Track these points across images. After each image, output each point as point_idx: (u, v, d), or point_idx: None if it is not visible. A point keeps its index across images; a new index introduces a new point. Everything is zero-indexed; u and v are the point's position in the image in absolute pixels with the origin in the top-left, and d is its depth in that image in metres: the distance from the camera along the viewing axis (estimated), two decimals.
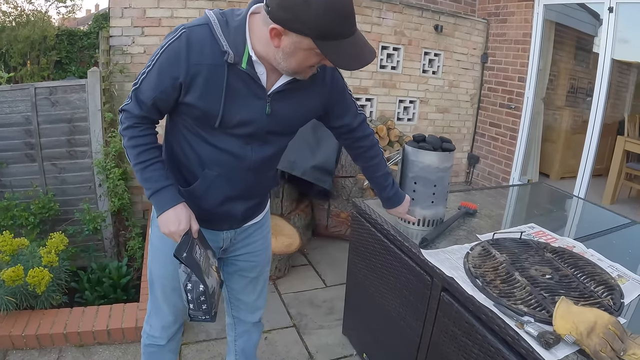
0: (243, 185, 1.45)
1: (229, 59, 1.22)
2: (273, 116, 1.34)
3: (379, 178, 1.69)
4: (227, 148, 1.37)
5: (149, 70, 1.28)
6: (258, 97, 1.30)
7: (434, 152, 1.72)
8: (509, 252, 1.66)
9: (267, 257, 1.77)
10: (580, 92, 6.24)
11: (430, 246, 1.68)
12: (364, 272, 2.10)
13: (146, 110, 1.33)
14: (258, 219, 1.64)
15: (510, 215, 2.16)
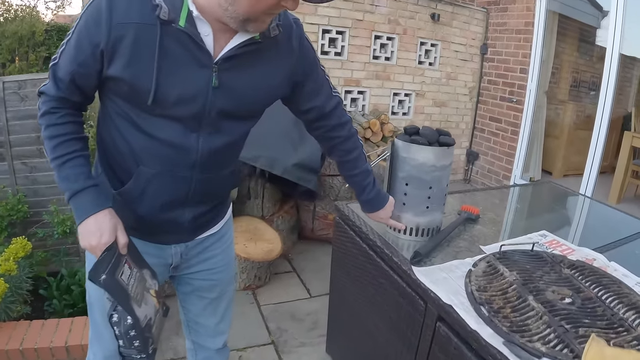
0: (188, 187, 1.17)
1: (161, 15, 0.96)
2: (223, 90, 1.06)
3: (358, 177, 1.41)
4: (166, 137, 1.09)
5: (67, 41, 1.06)
6: (202, 64, 1.03)
7: (429, 147, 1.43)
8: (520, 268, 1.37)
9: (230, 275, 1.50)
10: (583, 86, 6.04)
11: (424, 262, 1.39)
12: (348, 286, 1.81)
13: (64, 89, 1.08)
14: (215, 229, 1.36)
15: (518, 221, 1.87)
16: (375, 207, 1.45)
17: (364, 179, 1.41)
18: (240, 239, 2.93)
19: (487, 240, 1.60)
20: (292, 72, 1.18)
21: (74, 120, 1.13)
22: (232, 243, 1.50)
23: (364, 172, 1.40)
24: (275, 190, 3.22)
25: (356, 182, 1.42)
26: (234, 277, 1.55)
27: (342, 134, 1.35)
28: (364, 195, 1.42)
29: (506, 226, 1.78)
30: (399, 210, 1.51)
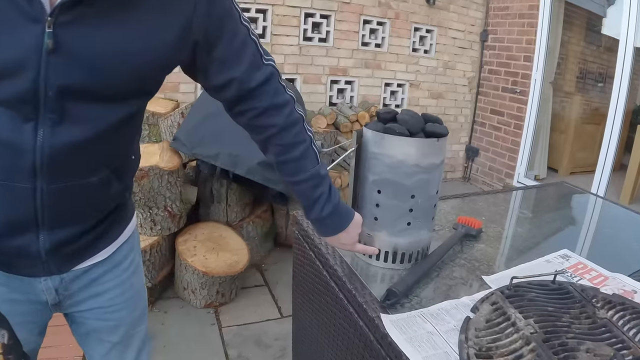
0: (33, 203, 0.81)
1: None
2: (63, 56, 0.71)
3: (303, 184, 0.98)
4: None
5: None
6: (31, 17, 0.69)
7: (411, 139, 1.01)
8: (539, 313, 0.95)
9: (136, 312, 1.13)
10: (589, 77, 5.66)
11: (401, 303, 0.96)
12: (309, 319, 1.39)
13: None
14: (102, 255, 1.00)
15: (531, 236, 1.45)
16: (332, 229, 1.03)
17: (314, 188, 0.98)
18: (200, 250, 2.51)
19: (491, 267, 1.18)
20: (187, 26, 0.81)
21: None
22: (138, 270, 1.14)
23: (313, 179, 0.97)
24: (244, 192, 2.80)
25: (302, 193, 1.00)
26: (144, 314, 1.19)
27: (277, 122, 0.93)
28: (315, 212, 1.00)
29: (515, 244, 1.36)
30: (369, 228, 1.09)
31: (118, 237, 1.03)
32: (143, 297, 1.20)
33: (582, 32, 5.39)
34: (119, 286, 1.07)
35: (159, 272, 2.56)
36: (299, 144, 0.95)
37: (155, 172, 2.32)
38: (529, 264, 1.24)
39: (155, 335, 2.36)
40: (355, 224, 1.04)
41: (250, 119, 0.93)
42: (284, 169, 0.97)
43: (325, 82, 4.12)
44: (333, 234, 1.03)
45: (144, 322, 1.21)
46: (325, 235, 1.05)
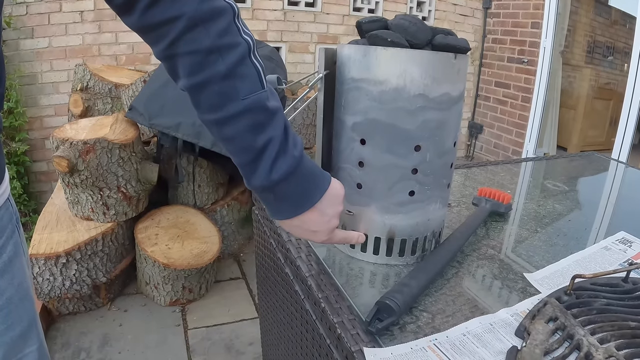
0: None
1: None
2: None
3: (235, 122, 0.56)
4: None
5: None
6: None
7: (414, 52, 0.62)
8: (618, 330, 0.58)
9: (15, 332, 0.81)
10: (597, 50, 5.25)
11: (400, 325, 0.59)
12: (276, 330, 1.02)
13: None
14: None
15: (572, 215, 1.07)
16: (292, 205, 0.61)
17: (255, 130, 0.56)
18: (162, 238, 2.13)
19: (532, 259, 0.80)
20: None
21: None
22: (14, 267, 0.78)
23: (251, 112, 0.55)
24: (216, 170, 2.41)
25: (235, 142, 0.57)
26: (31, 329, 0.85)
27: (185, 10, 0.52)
28: (259, 176, 0.58)
29: (558, 226, 0.98)
30: (349, 201, 0.71)
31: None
32: (26, 307, 0.84)
33: (591, 3, 5.00)
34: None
35: (116, 265, 2.18)
36: (225, 51, 0.54)
37: (103, 145, 1.93)
38: (583, 253, 0.86)
39: (111, 339, 2.00)
40: (332, 196, 0.63)
41: (143, 12, 0.53)
42: (201, 101, 0.56)
43: (314, 51, 3.72)
44: (294, 213, 0.61)
45: (34, 340, 0.85)
46: (281, 216, 0.63)
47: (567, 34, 4.65)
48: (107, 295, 2.20)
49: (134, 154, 2.06)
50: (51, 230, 2.09)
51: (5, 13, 2.86)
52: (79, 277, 2.01)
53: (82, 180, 1.96)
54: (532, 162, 1.53)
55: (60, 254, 1.95)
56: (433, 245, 0.76)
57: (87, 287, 2.04)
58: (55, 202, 2.36)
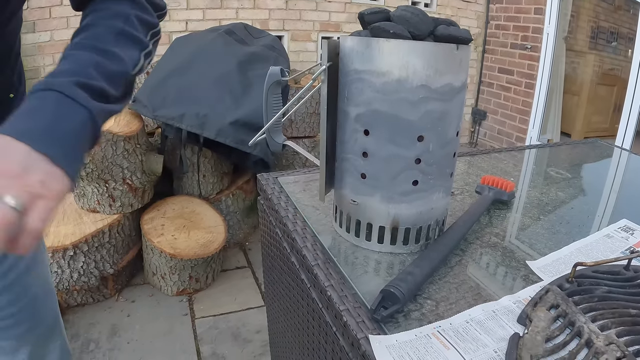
0: None
1: None
2: None
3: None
4: None
5: None
6: None
7: (416, 43, 0.63)
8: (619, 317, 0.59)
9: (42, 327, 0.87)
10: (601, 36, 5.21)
11: (405, 313, 0.60)
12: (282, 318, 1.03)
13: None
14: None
15: (574, 203, 1.08)
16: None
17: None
18: (168, 228, 2.15)
19: (535, 246, 0.81)
20: None
21: None
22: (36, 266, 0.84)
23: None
24: (220, 160, 2.42)
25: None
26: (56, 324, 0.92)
27: None
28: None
29: (561, 214, 0.98)
30: (354, 191, 0.72)
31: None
32: (51, 302, 0.92)
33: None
34: (7, 291, 0.78)
35: (122, 256, 2.21)
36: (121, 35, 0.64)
37: (108, 138, 1.94)
38: (585, 241, 0.87)
39: (119, 329, 2.03)
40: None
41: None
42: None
43: (316, 40, 3.71)
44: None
45: (57, 336, 0.92)
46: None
47: (570, 20, 4.62)
48: (114, 286, 2.22)
49: (138, 145, 2.08)
50: (58, 224, 2.10)
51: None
52: (87, 269, 2.04)
53: (87, 174, 1.97)
54: (535, 149, 1.54)
55: (68, 247, 1.97)
56: (437, 233, 0.77)
57: (95, 278, 2.07)
58: None
